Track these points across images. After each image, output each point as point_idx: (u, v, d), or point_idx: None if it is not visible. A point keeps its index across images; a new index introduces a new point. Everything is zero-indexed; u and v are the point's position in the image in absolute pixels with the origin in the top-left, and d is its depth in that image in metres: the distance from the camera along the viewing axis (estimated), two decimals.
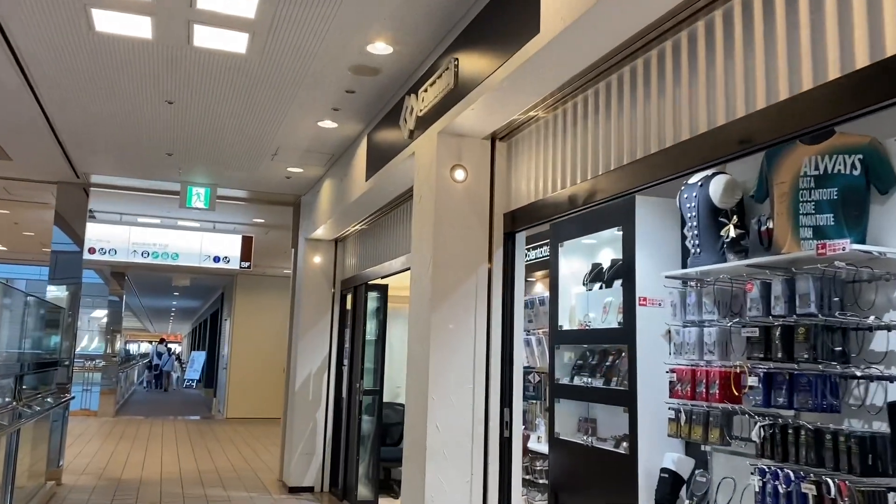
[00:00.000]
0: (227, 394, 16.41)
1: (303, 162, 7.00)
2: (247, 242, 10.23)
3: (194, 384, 29.31)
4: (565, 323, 5.11)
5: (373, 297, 7.35)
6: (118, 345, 17.28)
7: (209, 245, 10.04)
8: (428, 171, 4.31)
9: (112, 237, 9.58)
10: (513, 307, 4.18)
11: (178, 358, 36.45)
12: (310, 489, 7.91)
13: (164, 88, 5.20)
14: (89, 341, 21.22)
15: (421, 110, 4.52)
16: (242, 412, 16.33)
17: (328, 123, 5.89)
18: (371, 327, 7.34)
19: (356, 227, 7.40)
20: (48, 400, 7.02)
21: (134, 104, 5.56)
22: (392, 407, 7.85)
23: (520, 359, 4.23)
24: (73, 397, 7.73)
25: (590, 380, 4.66)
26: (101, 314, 16.77)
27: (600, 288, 4.82)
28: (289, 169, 7.25)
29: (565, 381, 4.92)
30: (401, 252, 6.07)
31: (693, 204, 3.93)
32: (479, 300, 4.15)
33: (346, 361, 7.79)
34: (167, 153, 6.73)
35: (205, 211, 9.21)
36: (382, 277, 6.89)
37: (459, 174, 4.21)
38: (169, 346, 34.77)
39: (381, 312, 7.32)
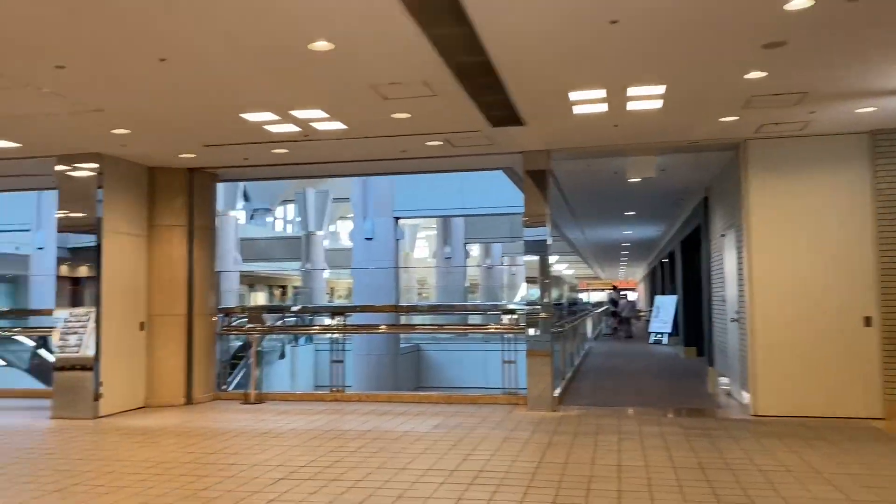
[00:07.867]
0: (752, 371, 8.48)
1: None
2: None
3: (664, 338, 22.09)
4: None
5: None
6: (555, 293, 10.48)
7: None
8: None
9: None
10: None
11: (633, 304, 32.33)
12: None
13: None
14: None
15: None
16: (786, 405, 8.25)
17: None
18: None
19: None
20: None
21: None
22: None
23: None
24: None
25: None
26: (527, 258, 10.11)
27: None
28: None
29: None
30: None
31: None
32: None
33: None
34: None
35: None
36: None
37: None
38: (623, 292, 32.30)
39: None
